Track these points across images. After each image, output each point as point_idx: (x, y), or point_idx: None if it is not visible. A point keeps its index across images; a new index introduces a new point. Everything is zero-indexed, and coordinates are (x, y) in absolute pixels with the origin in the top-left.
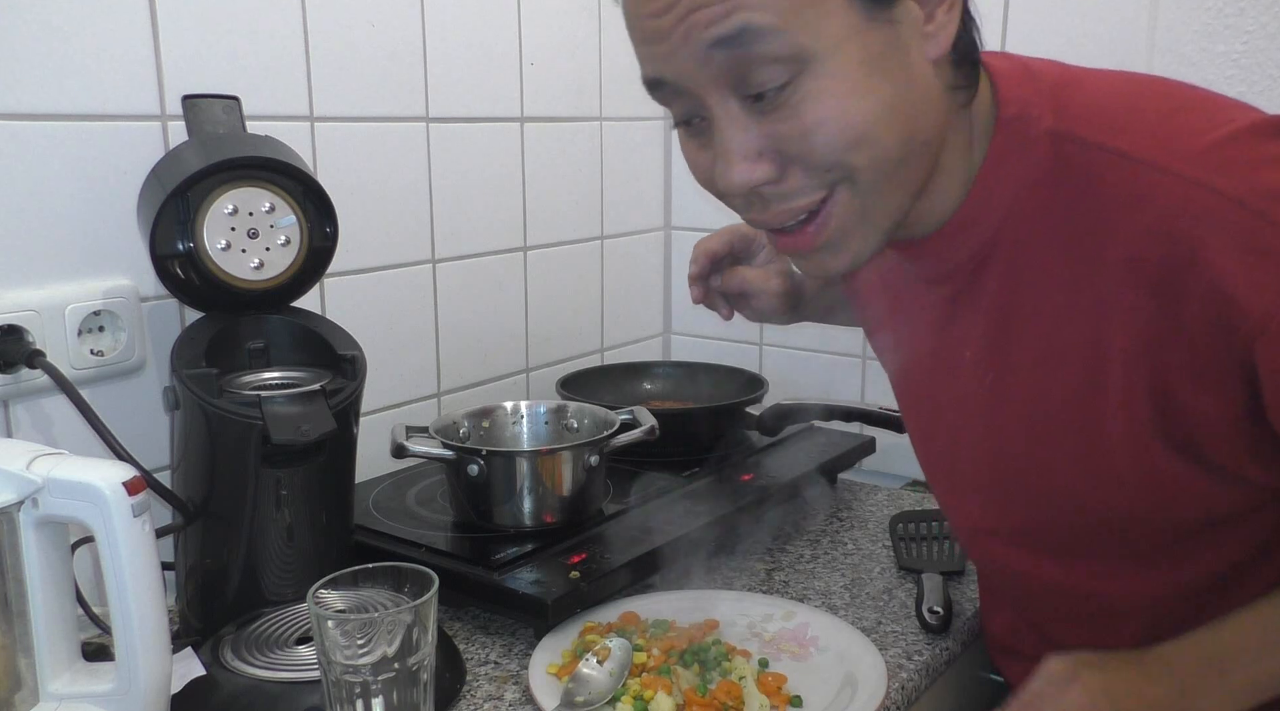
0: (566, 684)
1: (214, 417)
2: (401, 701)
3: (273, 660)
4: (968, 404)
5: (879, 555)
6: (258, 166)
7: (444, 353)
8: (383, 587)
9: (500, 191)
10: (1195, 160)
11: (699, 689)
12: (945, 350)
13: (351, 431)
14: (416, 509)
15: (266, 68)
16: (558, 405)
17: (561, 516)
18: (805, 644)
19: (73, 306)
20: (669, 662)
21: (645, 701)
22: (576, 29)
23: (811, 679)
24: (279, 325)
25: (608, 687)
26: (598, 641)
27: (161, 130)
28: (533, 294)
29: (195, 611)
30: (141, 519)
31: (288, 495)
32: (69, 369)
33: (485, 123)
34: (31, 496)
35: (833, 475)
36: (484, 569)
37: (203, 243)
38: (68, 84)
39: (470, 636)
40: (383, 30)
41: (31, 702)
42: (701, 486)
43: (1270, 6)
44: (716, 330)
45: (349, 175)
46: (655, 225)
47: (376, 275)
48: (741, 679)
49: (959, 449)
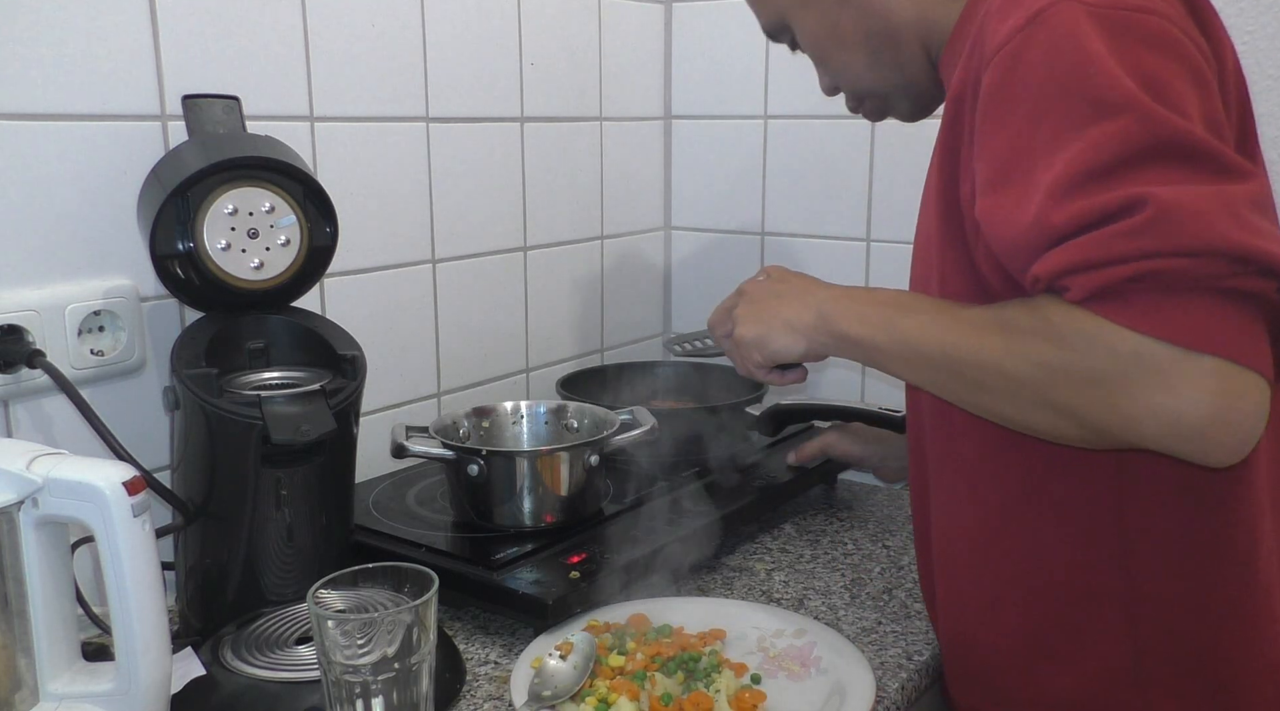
0: (533, 678)
1: (214, 417)
2: (401, 701)
3: (273, 660)
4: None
5: (879, 555)
6: (258, 166)
7: (444, 353)
8: (383, 587)
9: (500, 191)
10: None
11: (664, 698)
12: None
13: (351, 431)
14: (416, 509)
15: (266, 68)
16: (558, 405)
17: (561, 516)
18: (808, 664)
19: (73, 306)
20: (649, 668)
21: (609, 704)
22: (576, 29)
23: (796, 701)
24: (279, 325)
25: (573, 681)
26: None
27: (161, 130)
28: (533, 294)
29: (195, 611)
30: (141, 519)
31: (288, 495)
32: (69, 369)
33: (485, 123)
34: (31, 496)
35: (833, 475)
36: (484, 569)
37: (203, 243)
38: (68, 84)
39: (470, 636)
40: (383, 30)
41: (31, 702)
42: (701, 486)
43: (1270, 7)
44: None
45: (349, 175)
46: (655, 225)
47: (376, 275)
48: (716, 692)
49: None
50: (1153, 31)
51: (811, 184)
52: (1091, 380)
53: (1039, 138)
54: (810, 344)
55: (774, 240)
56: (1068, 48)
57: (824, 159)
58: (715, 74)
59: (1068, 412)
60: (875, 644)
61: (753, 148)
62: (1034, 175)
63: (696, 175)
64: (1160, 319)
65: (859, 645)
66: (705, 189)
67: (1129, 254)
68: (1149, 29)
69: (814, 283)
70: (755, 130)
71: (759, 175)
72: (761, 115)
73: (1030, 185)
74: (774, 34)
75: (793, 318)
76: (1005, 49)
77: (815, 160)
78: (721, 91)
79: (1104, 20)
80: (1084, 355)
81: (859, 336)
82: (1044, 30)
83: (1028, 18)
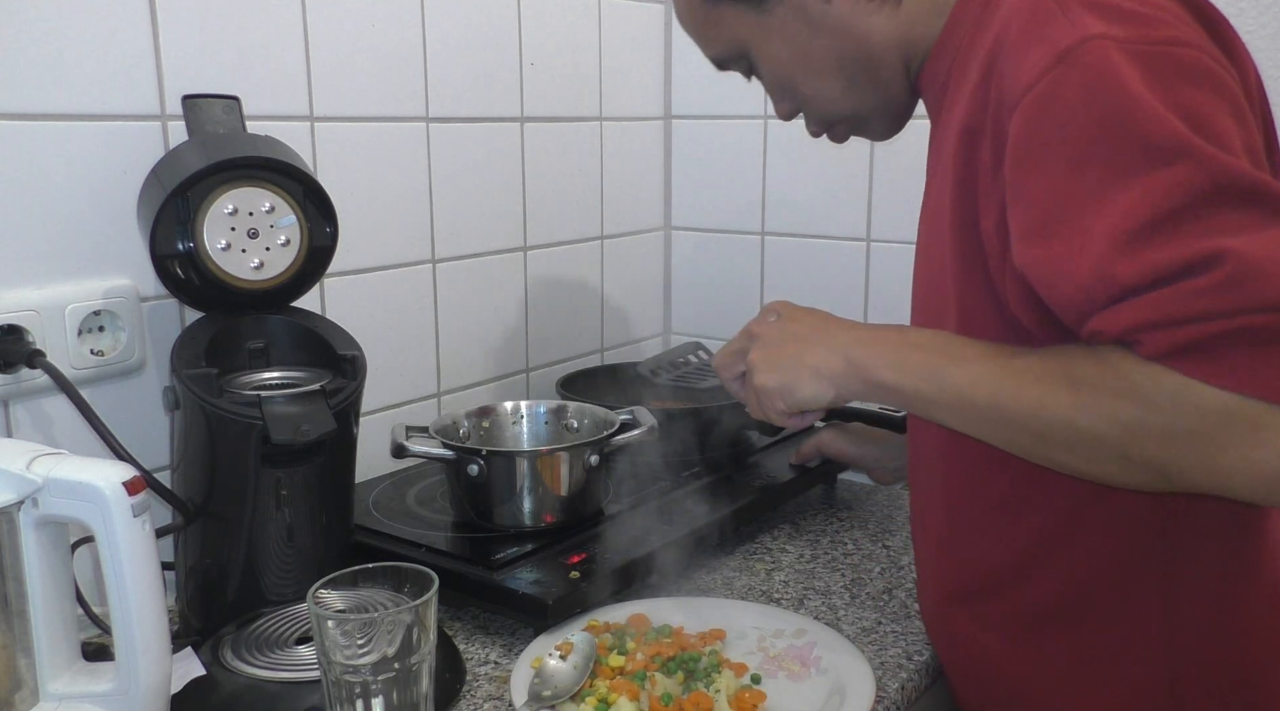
0: (533, 678)
1: (214, 417)
2: (401, 701)
3: (273, 660)
4: (918, 245)
5: (879, 555)
6: (258, 166)
7: (444, 352)
8: (383, 587)
9: (500, 191)
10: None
11: (664, 698)
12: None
13: (351, 431)
14: (416, 509)
15: (266, 68)
16: (558, 405)
17: (561, 516)
18: (808, 664)
19: (73, 306)
20: (649, 668)
21: (609, 704)
22: (576, 29)
23: (796, 701)
24: (279, 325)
25: (572, 681)
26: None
27: (161, 130)
28: (533, 294)
29: (195, 611)
30: (141, 519)
31: (288, 495)
32: (69, 369)
33: (485, 123)
34: (31, 496)
35: (833, 475)
36: (484, 569)
37: (203, 243)
38: (68, 84)
39: (470, 636)
40: (383, 30)
41: (31, 702)
42: (701, 486)
43: (1270, 6)
44: (717, 330)
45: (349, 175)
46: (655, 225)
47: (376, 275)
48: (717, 692)
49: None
50: (1189, 65)
51: (811, 184)
52: (1178, 438)
53: (1083, 184)
54: (840, 390)
55: (774, 240)
56: (1105, 88)
57: (824, 159)
58: (715, 74)
59: (1149, 467)
60: (875, 644)
61: (753, 148)
62: (1083, 224)
63: (696, 175)
64: (1249, 375)
65: (859, 645)
66: (705, 189)
67: (1212, 311)
68: (1185, 62)
69: (831, 322)
70: (755, 130)
71: (759, 175)
72: (761, 115)
73: (1082, 235)
74: (724, 64)
75: (819, 364)
76: (1035, 90)
77: (815, 160)
78: (721, 91)
79: (1139, 56)
80: (1170, 414)
81: (898, 385)
82: (1077, 70)
83: (1056, 56)
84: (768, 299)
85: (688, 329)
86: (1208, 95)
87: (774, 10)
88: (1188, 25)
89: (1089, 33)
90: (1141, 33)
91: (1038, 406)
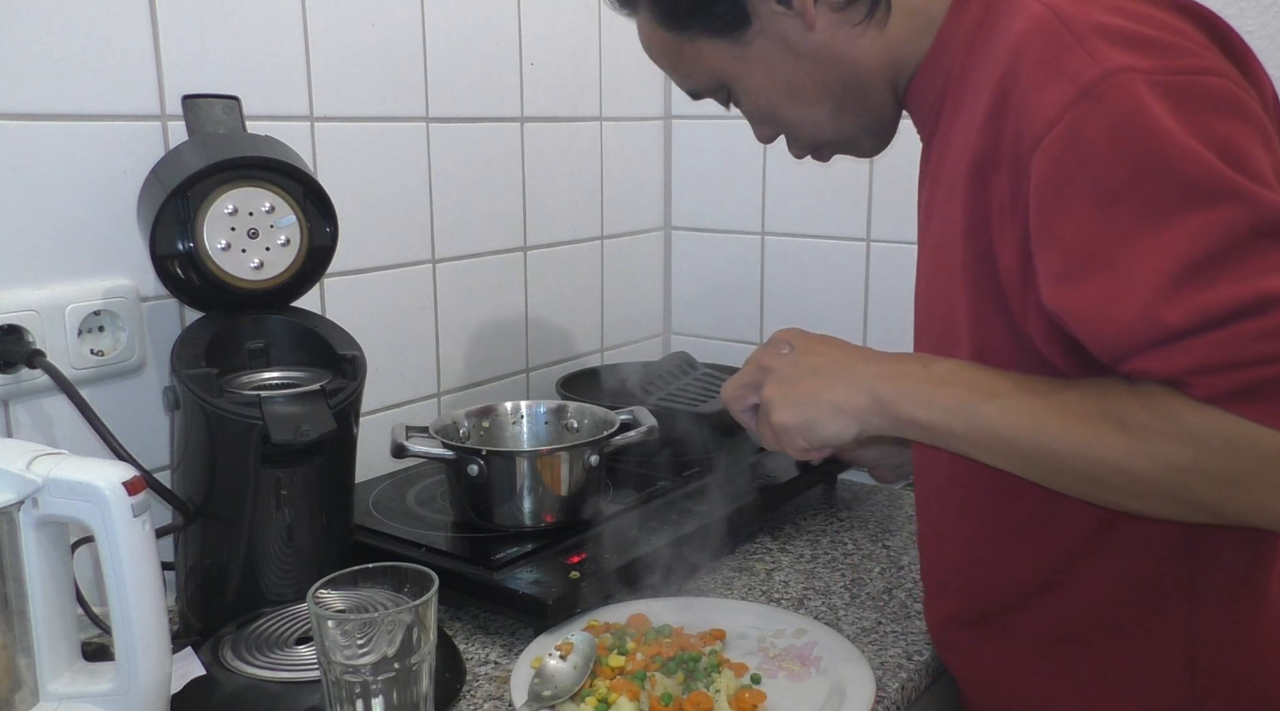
0: (533, 678)
1: (214, 417)
2: (401, 701)
3: (273, 660)
4: (919, 268)
5: (879, 555)
6: (258, 166)
7: (444, 353)
8: (383, 587)
9: (500, 191)
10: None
11: (664, 698)
12: (921, 214)
13: (351, 431)
14: (416, 509)
15: (266, 68)
16: (558, 405)
17: (561, 516)
18: (808, 663)
19: (73, 306)
20: (649, 668)
21: (609, 704)
22: (576, 29)
23: (796, 701)
24: (279, 325)
25: (573, 681)
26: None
27: (161, 130)
28: (533, 294)
29: (195, 611)
30: (141, 519)
31: (288, 495)
32: (69, 369)
33: (485, 123)
34: (31, 496)
35: (833, 475)
36: (484, 569)
37: (203, 243)
38: (68, 84)
39: (470, 636)
40: (383, 30)
41: (31, 702)
42: (701, 486)
43: (1270, 6)
44: (717, 330)
45: (349, 175)
46: (655, 225)
47: (376, 275)
48: (716, 692)
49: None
50: (1216, 94)
51: (811, 184)
52: (1234, 481)
53: (1117, 225)
54: (864, 427)
55: (774, 240)
56: (1134, 125)
57: None
58: None
59: (1202, 508)
60: (875, 644)
61: (753, 148)
62: (1123, 266)
63: (696, 175)
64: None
65: (859, 645)
66: (705, 189)
67: (1267, 356)
68: (1212, 91)
69: (849, 353)
70: None
71: (759, 175)
72: None
73: (1122, 277)
74: (701, 95)
75: (840, 401)
76: (1058, 128)
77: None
78: None
79: (1166, 89)
80: (1226, 458)
81: (928, 422)
82: (1102, 106)
83: (1079, 91)
84: (768, 298)
85: (688, 329)
86: (1237, 125)
87: (753, 42)
88: (1206, 48)
89: (1110, 66)
90: (1165, 63)
91: (1084, 448)
